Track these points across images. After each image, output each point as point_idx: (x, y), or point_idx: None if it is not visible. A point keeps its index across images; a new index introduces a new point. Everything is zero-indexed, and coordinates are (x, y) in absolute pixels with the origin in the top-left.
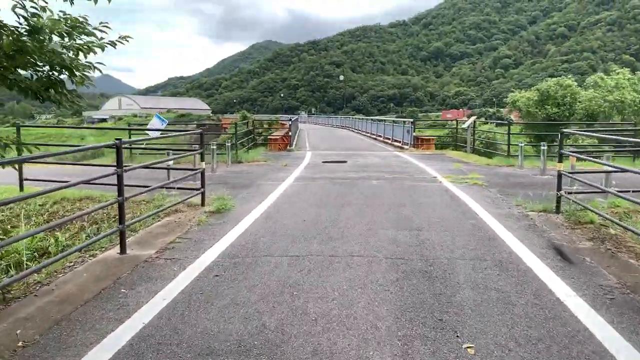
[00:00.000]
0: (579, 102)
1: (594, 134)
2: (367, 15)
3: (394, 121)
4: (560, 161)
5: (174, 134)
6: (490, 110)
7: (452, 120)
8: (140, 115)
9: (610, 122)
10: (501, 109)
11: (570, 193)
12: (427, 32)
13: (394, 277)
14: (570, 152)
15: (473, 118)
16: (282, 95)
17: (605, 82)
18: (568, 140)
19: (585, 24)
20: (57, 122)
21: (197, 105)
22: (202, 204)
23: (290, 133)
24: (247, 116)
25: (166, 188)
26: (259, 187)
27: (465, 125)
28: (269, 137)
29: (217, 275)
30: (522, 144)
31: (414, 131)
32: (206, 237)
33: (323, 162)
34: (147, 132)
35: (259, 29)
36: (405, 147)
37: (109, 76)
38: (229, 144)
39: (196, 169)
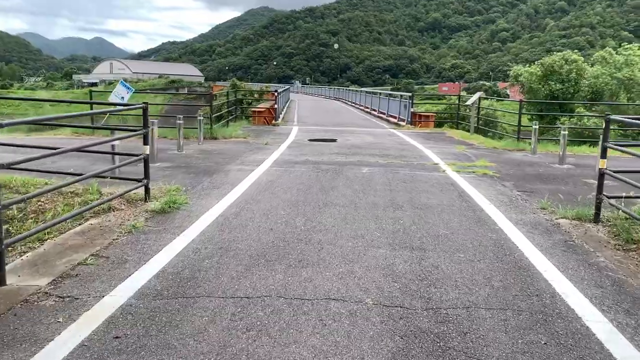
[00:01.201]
0: (584, 78)
1: None
2: None
3: (389, 94)
4: (604, 156)
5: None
6: (487, 84)
7: (453, 95)
8: (130, 79)
9: (617, 102)
10: (497, 83)
11: (619, 198)
12: (425, 2)
13: (390, 350)
14: (616, 144)
15: (479, 94)
16: (275, 63)
17: (614, 58)
18: (570, 119)
19: None
20: (47, 85)
21: (189, 71)
22: (146, 199)
23: (276, 106)
24: (237, 84)
25: (99, 177)
26: (227, 174)
27: (469, 102)
28: (252, 109)
29: (117, 338)
30: (536, 126)
31: (412, 107)
32: (132, 254)
33: (309, 140)
34: (112, 101)
35: None
36: (402, 123)
37: (102, 39)
38: (201, 118)
39: (138, 155)
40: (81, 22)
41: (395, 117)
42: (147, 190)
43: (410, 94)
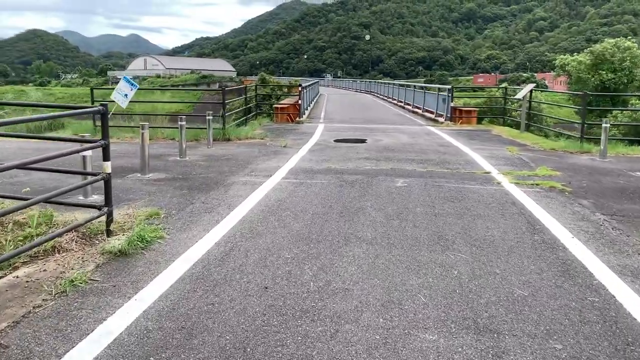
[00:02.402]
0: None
1: None
2: None
3: (425, 87)
4: None
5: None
6: (524, 74)
7: (493, 87)
8: (163, 75)
9: None
10: (535, 74)
11: None
12: None
13: None
14: None
15: (530, 86)
16: (306, 57)
17: None
18: (622, 113)
19: None
20: (83, 82)
21: (222, 66)
22: (108, 232)
23: (300, 101)
24: (266, 79)
25: (49, 202)
26: (227, 190)
27: (520, 96)
28: (275, 105)
29: None
30: (608, 124)
31: (452, 101)
32: (45, 341)
33: (335, 140)
34: (115, 100)
35: None
36: (440, 119)
37: (137, 36)
38: (210, 118)
39: (96, 174)
40: (117, 19)
41: (432, 112)
42: (109, 219)
43: (449, 86)
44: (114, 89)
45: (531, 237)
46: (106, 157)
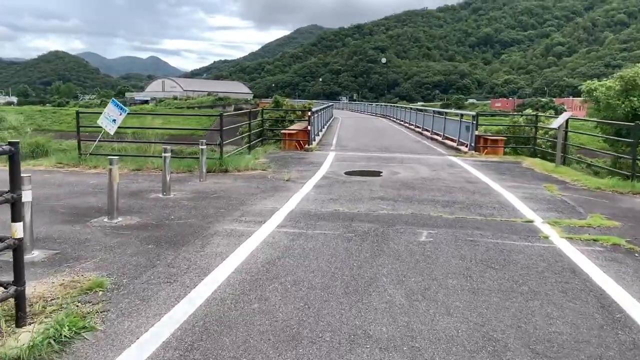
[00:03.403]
0: None
1: None
2: None
3: (446, 113)
4: None
5: None
6: (543, 99)
7: (518, 115)
8: (180, 97)
9: None
10: (553, 99)
11: None
12: (476, 17)
13: None
14: None
15: (567, 114)
16: (321, 80)
17: None
18: None
19: None
20: (101, 103)
21: (239, 89)
22: (18, 320)
23: (309, 127)
24: (279, 102)
25: None
26: (205, 245)
27: (555, 125)
28: (282, 131)
29: None
30: None
31: (476, 129)
32: None
33: (346, 173)
34: (102, 125)
35: (305, 13)
36: (463, 149)
37: (157, 58)
38: (204, 147)
39: (2, 239)
40: (137, 42)
41: (454, 141)
42: (20, 303)
43: (474, 113)
44: (101, 112)
45: (614, 334)
46: (16, 217)
